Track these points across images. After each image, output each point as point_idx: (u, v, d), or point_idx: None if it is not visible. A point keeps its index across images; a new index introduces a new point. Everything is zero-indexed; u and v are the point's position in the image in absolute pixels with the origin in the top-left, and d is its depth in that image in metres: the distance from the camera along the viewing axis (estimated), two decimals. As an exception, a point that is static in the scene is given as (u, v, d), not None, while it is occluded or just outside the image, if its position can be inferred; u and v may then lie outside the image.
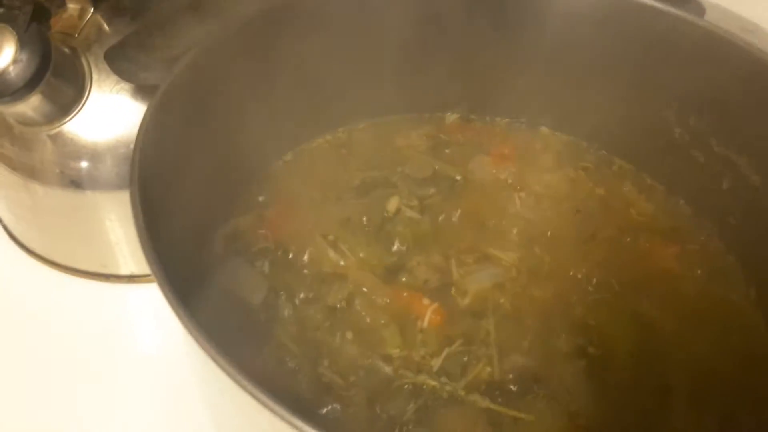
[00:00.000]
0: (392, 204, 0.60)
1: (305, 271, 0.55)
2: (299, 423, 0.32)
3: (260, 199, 0.60)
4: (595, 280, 0.55)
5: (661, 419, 0.47)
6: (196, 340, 0.35)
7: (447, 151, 0.67)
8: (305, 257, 0.56)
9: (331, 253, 0.57)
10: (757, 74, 0.51)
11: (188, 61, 0.49)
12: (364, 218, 0.59)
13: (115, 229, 0.64)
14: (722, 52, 0.52)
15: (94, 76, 0.61)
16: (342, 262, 0.56)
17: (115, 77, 0.58)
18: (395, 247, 0.57)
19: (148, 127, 0.44)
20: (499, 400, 0.47)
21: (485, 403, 0.47)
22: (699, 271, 0.57)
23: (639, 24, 0.56)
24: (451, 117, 0.70)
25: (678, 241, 0.59)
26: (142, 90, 0.59)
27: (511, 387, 0.48)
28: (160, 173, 0.45)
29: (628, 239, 0.59)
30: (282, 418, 0.32)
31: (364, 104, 0.67)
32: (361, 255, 0.57)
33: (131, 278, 0.67)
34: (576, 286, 0.55)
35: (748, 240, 0.56)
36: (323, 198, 0.61)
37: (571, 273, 0.56)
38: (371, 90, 0.66)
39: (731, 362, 0.51)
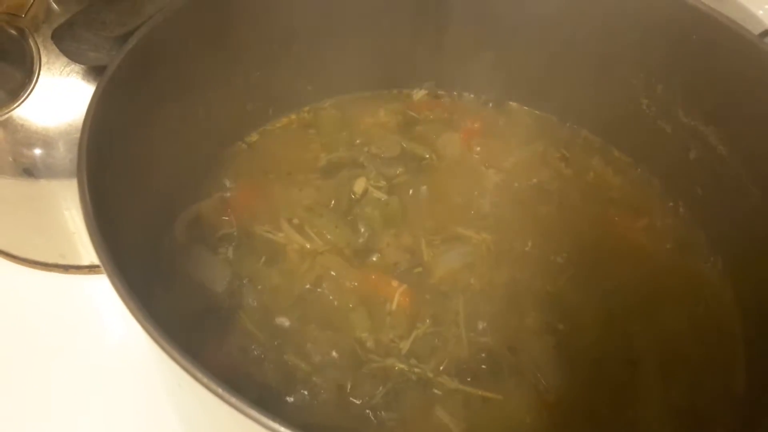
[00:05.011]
0: (359, 185, 0.59)
1: (270, 256, 0.54)
2: (255, 413, 0.31)
3: (223, 182, 0.59)
4: (565, 256, 0.55)
5: (630, 393, 0.48)
6: (147, 331, 0.33)
7: (416, 128, 0.66)
8: (270, 242, 0.55)
9: (298, 237, 0.55)
10: (722, 41, 0.50)
11: (139, 39, 0.47)
12: (332, 201, 0.58)
13: (74, 218, 0.62)
14: (687, 19, 0.51)
15: (43, 59, 0.58)
16: (308, 246, 0.55)
17: (65, 59, 0.55)
18: (364, 230, 0.56)
19: (96, 109, 0.42)
20: (468, 380, 0.47)
21: (454, 384, 0.46)
22: (667, 244, 0.57)
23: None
24: (419, 93, 0.68)
25: (646, 214, 0.58)
26: (94, 71, 0.56)
27: (481, 367, 0.47)
28: (112, 158, 0.43)
29: (597, 213, 0.58)
30: (237, 408, 0.31)
31: (329, 81, 0.65)
32: (329, 237, 0.56)
33: (92, 269, 0.64)
34: (545, 263, 0.54)
35: (714, 211, 0.56)
36: (288, 180, 0.60)
37: (541, 250, 0.55)
38: (336, 66, 0.64)
39: (698, 334, 0.51)
